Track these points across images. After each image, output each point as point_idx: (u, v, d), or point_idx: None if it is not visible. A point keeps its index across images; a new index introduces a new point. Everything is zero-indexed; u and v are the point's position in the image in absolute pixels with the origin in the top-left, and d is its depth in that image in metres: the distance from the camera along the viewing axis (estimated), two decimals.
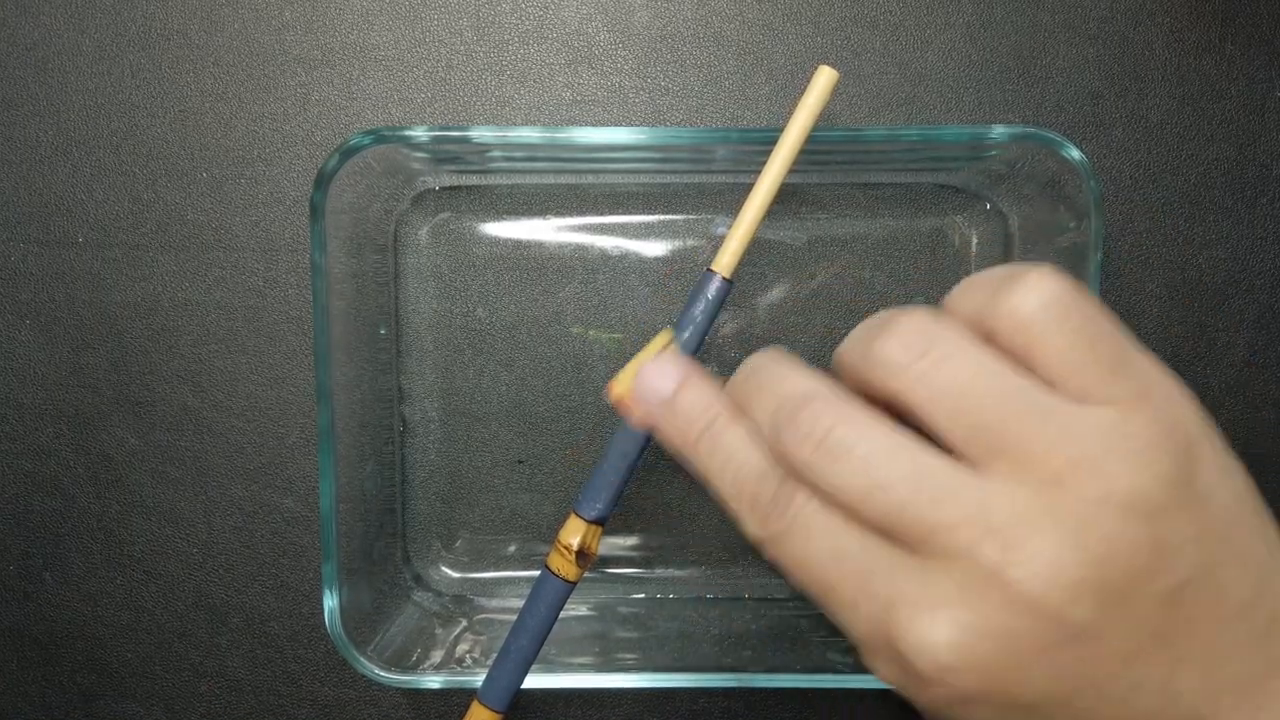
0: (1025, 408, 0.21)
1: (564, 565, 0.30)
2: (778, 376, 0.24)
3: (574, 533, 0.30)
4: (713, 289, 0.29)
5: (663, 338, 0.29)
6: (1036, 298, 0.21)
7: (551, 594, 0.30)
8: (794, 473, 0.23)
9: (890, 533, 0.21)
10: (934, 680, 0.21)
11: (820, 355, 0.39)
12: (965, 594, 0.20)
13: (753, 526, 0.24)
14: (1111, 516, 0.20)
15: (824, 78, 0.28)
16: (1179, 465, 0.21)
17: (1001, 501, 0.21)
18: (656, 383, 0.26)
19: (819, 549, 0.22)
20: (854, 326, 0.39)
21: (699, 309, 0.29)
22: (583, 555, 0.30)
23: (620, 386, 0.28)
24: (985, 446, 0.21)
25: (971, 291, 0.23)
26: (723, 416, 0.25)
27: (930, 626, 0.21)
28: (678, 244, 0.39)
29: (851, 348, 0.24)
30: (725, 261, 0.29)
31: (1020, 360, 0.22)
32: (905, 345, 0.22)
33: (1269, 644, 0.21)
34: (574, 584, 0.31)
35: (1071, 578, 0.20)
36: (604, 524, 0.30)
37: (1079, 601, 0.20)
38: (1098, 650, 0.20)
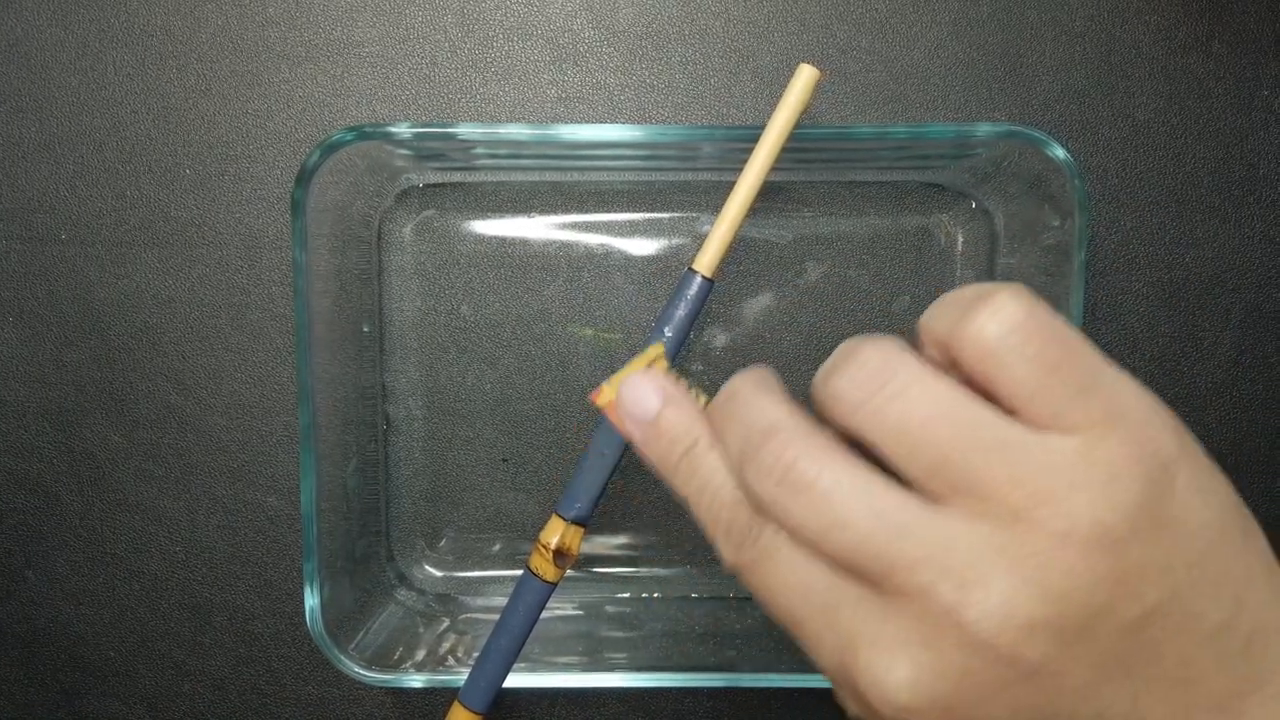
0: (983, 442, 0.21)
1: (543, 565, 0.30)
2: (749, 405, 0.24)
3: (553, 533, 0.30)
4: (693, 288, 0.29)
5: (654, 350, 0.29)
6: (997, 324, 0.21)
7: (531, 594, 0.30)
8: (759, 506, 0.23)
9: (851, 569, 0.21)
10: (893, 718, 0.21)
11: (806, 355, 0.39)
12: (923, 633, 0.20)
13: (727, 554, 0.24)
14: (1072, 552, 0.20)
15: (804, 76, 0.28)
16: (1148, 492, 0.20)
17: (960, 540, 0.20)
18: (640, 401, 0.26)
19: (787, 582, 0.22)
20: (839, 325, 0.39)
21: (679, 309, 0.29)
22: (561, 555, 0.30)
23: (606, 395, 0.28)
24: (944, 483, 0.21)
25: (941, 313, 0.22)
26: (702, 441, 0.25)
27: (888, 666, 0.21)
28: (663, 242, 0.38)
29: (817, 381, 0.23)
30: (706, 260, 0.29)
31: (984, 387, 0.21)
32: (859, 381, 0.21)
33: (1245, 662, 0.21)
34: (554, 585, 0.30)
35: (1026, 618, 0.20)
36: (585, 524, 0.30)
37: (1034, 641, 0.20)
38: (1058, 684, 0.20)
